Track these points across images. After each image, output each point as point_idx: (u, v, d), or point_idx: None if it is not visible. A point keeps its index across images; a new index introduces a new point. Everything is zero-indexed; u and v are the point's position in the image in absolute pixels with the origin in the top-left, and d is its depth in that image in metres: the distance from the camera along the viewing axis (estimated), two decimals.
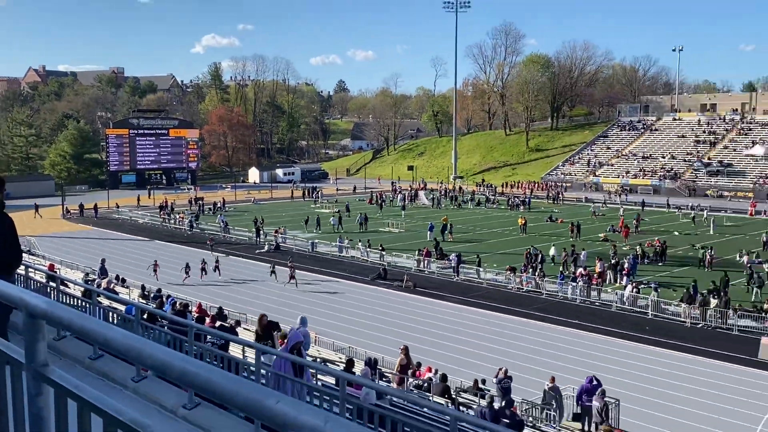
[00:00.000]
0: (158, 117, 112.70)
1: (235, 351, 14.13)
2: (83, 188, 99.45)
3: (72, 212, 72.23)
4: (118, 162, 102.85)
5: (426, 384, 19.45)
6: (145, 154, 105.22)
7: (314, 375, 11.36)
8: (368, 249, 46.39)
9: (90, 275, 30.81)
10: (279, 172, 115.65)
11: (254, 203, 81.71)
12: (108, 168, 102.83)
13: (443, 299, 35.91)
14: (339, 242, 48.82)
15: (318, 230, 57.07)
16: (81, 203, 73.28)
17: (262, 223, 56.05)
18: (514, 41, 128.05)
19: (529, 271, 38.74)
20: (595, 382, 18.94)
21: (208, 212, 70.93)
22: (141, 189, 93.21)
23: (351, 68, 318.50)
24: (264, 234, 53.46)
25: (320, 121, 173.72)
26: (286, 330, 11.97)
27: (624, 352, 27.49)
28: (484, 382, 20.59)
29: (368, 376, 14.81)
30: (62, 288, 12.12)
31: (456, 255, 42.18)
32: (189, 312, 18.03)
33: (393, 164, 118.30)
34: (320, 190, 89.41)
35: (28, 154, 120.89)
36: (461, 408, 17.58)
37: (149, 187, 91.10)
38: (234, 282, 40.05)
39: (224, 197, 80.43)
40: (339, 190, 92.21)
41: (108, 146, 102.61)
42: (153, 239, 56.44)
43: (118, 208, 73.89)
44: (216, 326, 15.98)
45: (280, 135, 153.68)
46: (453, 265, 41.29)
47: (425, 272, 42.08)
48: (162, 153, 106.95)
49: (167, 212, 67.86)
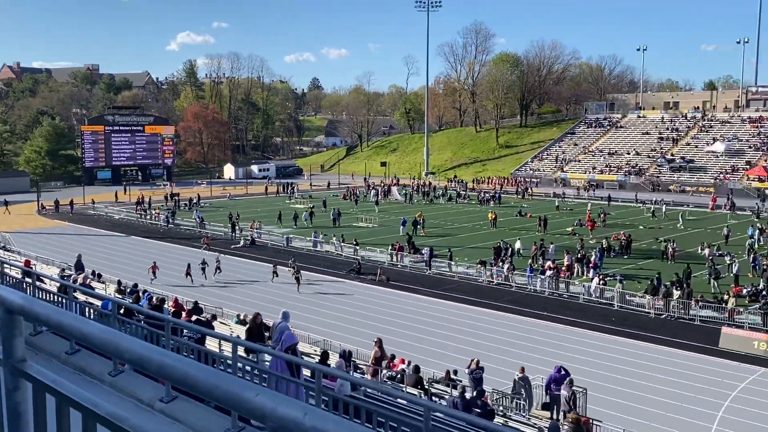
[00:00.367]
0: (133, 114, 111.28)
1: (212, 345, 14.03)
2: (59, 184, 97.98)
3: (47, 208, 71.05)
4: (94, 158, 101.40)
5: (399, 375, 19.51)
6: (121, 151, 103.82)
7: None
8: (342, 244, 46.36)
9: (66, 271, 30.35)
10: (254, 168, 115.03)
11: (229, 199, 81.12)
12: (83, 164, 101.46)
13: (416, 292, 35.99)
14: (314, 237, 48.70)
15: (296, 226, 56.87)
16: (56, 199, 72.15)
17: (238, 219, 55.71)
18: (484, 40, 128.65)
19: (500, 264, 38.99)
20: (563, 372, 19.10)
21: (184, 208, 70.25)
22: (117, 185, 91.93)
23: (325, 66, 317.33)
24: (239, 229, 53.12)
25: (294, 118, 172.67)
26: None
27: (591, 343, 27.79)
28: (456, 373, 20.69)
29: (343, 368, 14.83)
30: (38, 284, 11.92)
31: (428, 249, 42.33)
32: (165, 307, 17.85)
33: (366, 160, 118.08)
34: (296, 186, 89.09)
35: (3, 151, 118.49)
36: (434, 398, 17.65)
37: (125, 183, 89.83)
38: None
39: (200, 193, 79.76)
40: (313, 186, 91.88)
41: (83, 143, 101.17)
42: (129, 235, 55.80)
43: (94, 204, 72.83)
44: (192, 320, 15.86)
45: (255, 132, 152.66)
46: (425, 259, 41.41)
47: (398, 266, 42.13)
48: (137, 149, 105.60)
49: (143, 208, 67.13)
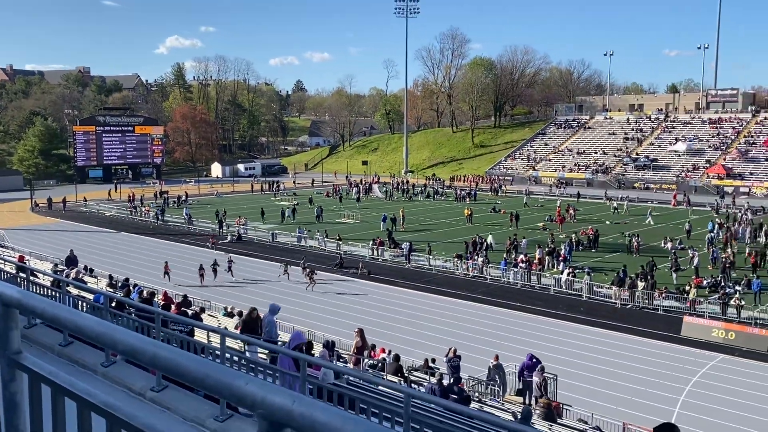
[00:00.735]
0: (124, 114, 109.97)
1: (201, 336, 13.96)
2: (51, 183, 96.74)
3: (40, 206, 70.19)
4: (85, 157, 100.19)
5: (380, 364, 19.52)
6: (112, 150, 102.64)
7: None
8: (325, 239, 46.27)
9: (59, 266, 29.99)
10: (240, 167, 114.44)
11: (217, 196, 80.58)
12: (75, 163, 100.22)
13: (396, 285, 36.04)
14: (299, 233, 48.55)
15: (283, 222, 56.63)
16: (49, 197, 71.26)
17: (225, 215, 55.41)
18: (460, 45, 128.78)
19: (476, 258, 39.12)
20: (535, 360, 19.24)
21: (173, 205, 69.71)
22: (107, 183, 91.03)
23: (308, 69, 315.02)
24: (226, 225, 52.82)
25: (279, 119, 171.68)
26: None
27: (561, 332, 28.00)
28: (434, 361, 20.74)
29: (326, 358, 14.80)
30: (32, 278, 11.78)
31: (408, 244, 42.40)
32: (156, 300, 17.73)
33: (348, 159, 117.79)
34: (282, 184, 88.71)
35: None
36: (413, 385, 17.68)
37: (115, 181, 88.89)
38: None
39: (188, 191, 79.09)
40: (297, 184, 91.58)
41: (75, 142, 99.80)
42: (120, 231, 55.26)
43: (86, 202, 72.03)
44: (181, 312, 15.76)
45: (241, 132, 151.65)
46: (405, 254, 41.46)
47: (379, 260, 42.14)
48: (128, 149, 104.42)
49: (135, 205, 66.59)
